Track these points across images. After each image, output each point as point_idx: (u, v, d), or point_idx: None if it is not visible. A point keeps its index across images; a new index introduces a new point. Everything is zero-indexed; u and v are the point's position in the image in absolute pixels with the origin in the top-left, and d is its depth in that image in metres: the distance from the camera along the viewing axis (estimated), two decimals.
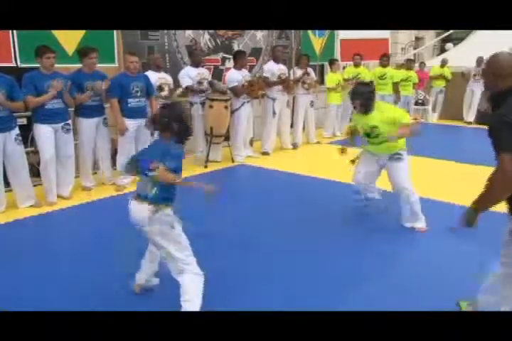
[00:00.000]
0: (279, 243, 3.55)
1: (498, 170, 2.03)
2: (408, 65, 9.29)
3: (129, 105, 4.84)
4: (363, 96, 3.70)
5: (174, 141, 2.56)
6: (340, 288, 2.87)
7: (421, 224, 3.86)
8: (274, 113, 6.62)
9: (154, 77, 5.36)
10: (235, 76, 6.07)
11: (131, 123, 4.87)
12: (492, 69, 2.19)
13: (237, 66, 6.15)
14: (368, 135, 3.83)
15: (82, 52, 4.62)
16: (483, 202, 2.22)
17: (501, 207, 2.44)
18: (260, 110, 6.71)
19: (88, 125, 4.75)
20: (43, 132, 4.35)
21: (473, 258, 3.29)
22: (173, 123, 2.51)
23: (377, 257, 3.30)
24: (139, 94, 4.87)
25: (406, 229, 3.83)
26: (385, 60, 8.49)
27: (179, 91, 5.57)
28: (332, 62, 7.94)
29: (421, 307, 2.29)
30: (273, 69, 6.54)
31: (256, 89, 6.14)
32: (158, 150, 2.52)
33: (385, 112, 3.71)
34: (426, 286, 2.91)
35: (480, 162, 6.02)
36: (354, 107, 3.84)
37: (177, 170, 2.49)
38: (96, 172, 5.14)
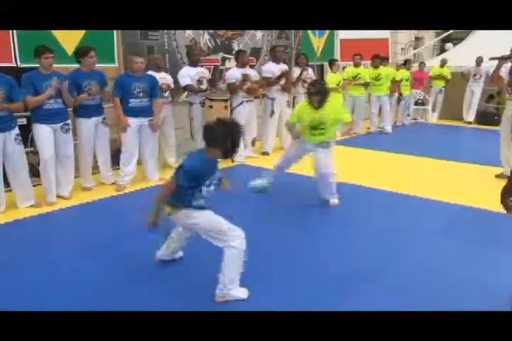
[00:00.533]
0: (279, 243, 3.55)
1: None
2: (408, 65, 9.32)
3: (129, 105, 4.85)
4: (321, 94, 4.17)
5: (218, 156, 2.58)
6: (341, 288, 2.87)
7: (336, 199, 4.40)
8: (272, 113, 6.63)
9: None
10: (233, 73, 6.14)
11: (133, 121, 4.89)
12: None
13: (239, 64, 6.22)
14: (313, 127, 4.26)
15: (81, 52, 4.61)
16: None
17: (500, 207, 2.44)
18: (261, 110, 6.71)
19: (87, 125, 4.75)
20: (42, 132, 4.35)
21: (472, 258, 3.29)
22: (226, 140, 2.48)
23: (376, 257, 3.30)
24: (141, 94, 4.87)
25: (406, 230, 3.83)
26: (376, 61, 8.50)
27: (185, 95, 5.58)
28: (332, 62, 7.94)
29: (421, 307, 2.29)
30: (272, 69, 6.54)
31: (256, 87, 6.15)
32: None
33: (333, 109, 4.25)
34: (426, 286, 2.91)
35: (480, 162, 6.05)
36: (310, 102, 4.22)
37: (184, 186, 2.57)
38: (95, 172, 5.13)
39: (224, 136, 2.48)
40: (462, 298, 2.75)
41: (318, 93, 4.17)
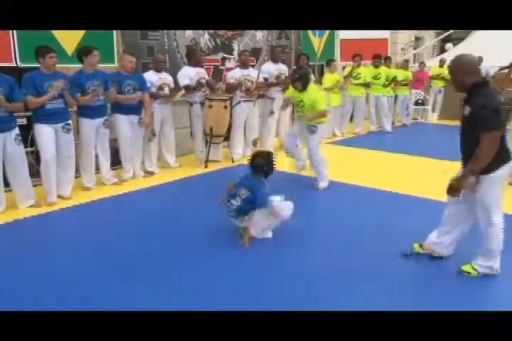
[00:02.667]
0: (278, 242, 3.55)
1: (488, 143, 2.60)
2: (406, 65, 9.32)
3: (120, 102, 4.98)
4: (304, 78, 4.75)
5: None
6: (340, 288, 2.87)
7: (324, 184, 4.94)
8: (271, 112, 6.65)
9: (155, 77, 5.38)
10: (233, 73, 6.27)
11: (124, 119, 5.05)
12: None
13: (239, 64, 6.37)
14: (296, 104, 4.93)
15: (84, 51, 4.61)
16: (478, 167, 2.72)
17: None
18: (260, 110, 6.72)
19: (90, 126, 4.76)
20: (44, 132, 4.34)
21: (472, 257, 3.29)
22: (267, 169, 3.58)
23: (376, 257, 3.30)
24: (131, 92, 5.02)
25: (403, 229, 3.83)
26: (377, 61, 8.51)
27: (181, 93, 5.59)
28: (329, 62, 7.94)
29: (421, 307, 2.29)
30: (270, 69, 6.56)
31: (252, 89, 6.20)
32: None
33: (312, 94, 4.76)
34: (425, 286, 2.91)
35: None
36: (294, 86, 4.79)
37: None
38: (96, 172, 5.14)
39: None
40: (462, 298, 2.75)
41: (300, 78, 4.73)
